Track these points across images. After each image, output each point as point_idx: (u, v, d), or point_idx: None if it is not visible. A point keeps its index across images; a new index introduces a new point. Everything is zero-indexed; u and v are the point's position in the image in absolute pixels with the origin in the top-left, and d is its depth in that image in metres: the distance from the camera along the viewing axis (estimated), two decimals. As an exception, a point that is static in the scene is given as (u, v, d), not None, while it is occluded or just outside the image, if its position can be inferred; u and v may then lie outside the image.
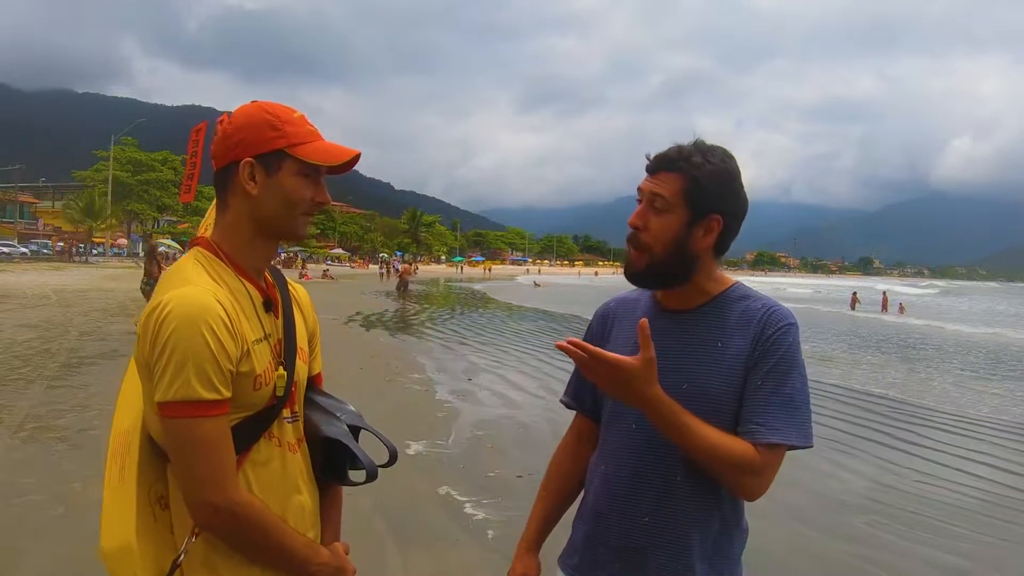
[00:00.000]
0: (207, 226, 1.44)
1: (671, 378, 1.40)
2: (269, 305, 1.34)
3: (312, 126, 1.34)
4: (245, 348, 1.24)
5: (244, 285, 1.31)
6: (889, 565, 4.34)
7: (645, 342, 1.32)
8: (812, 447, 1.43)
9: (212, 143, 1.33)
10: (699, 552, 1.45)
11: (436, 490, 5.17)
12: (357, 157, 1.35)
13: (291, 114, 1.32)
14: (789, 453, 1.42)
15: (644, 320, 1.33)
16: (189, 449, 1.18)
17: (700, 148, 1.45)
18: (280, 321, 1.37)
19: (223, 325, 1.20)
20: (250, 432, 1.28)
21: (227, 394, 1.20)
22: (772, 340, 1.42)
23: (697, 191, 1.43)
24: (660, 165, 1.46)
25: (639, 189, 1.50)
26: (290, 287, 1.47)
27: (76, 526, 3.94)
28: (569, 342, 1.33)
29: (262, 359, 1.28)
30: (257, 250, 1.34)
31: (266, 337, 1.31)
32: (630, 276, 1.52)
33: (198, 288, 1.22)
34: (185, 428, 1.18)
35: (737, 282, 1.54)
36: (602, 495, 1.53)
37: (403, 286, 27.62)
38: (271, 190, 1.29)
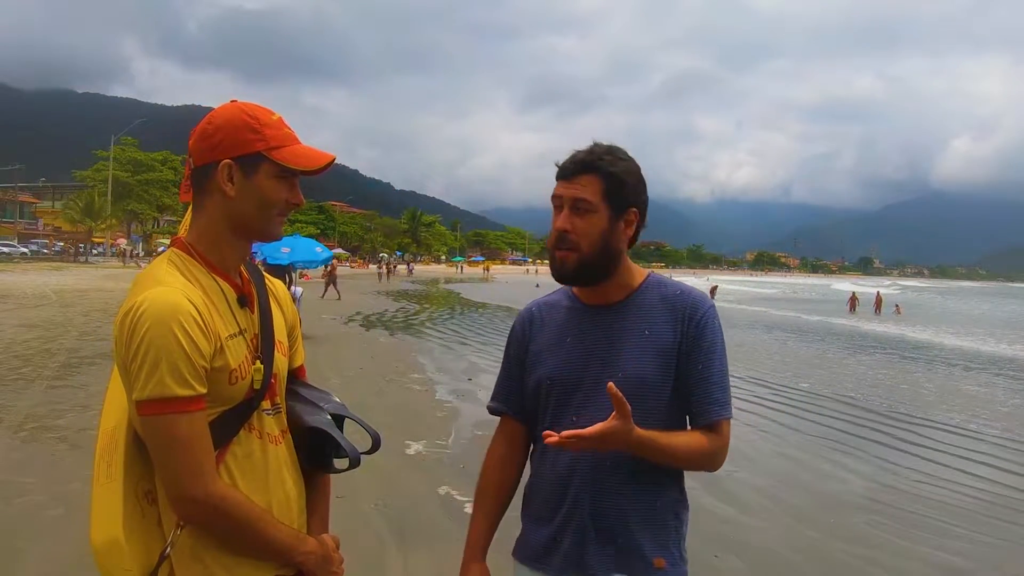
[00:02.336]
0: (185, 226, 1.46)
1: (606, 371, 1.46)
2: (243, 301, 1.36)
3: (289, 129, 1.36)
4: (218, 344, 1.26)
5: (217, 282, 1.33)
6: (889, 565, 4.35)
7: (619, 404, 1.37)
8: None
9: (191, 140, 1.34)
10: (659, 512, 1.55)
11: (436, 490, 5.18)
12: (332, 161, 1.37)
13: (270, 116, 1.34)
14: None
15: (611, 384, 1.37)
16: (167, 445, 1.21)
17: (606, 149, 1.54)
18: (256, 316, 1.39)
19: (194, 323, 1.22)
20: (229, 425, 1.30)
21: (202, 390, 1.22)
22: (701, 324, 1.55)
23: (616, 188, 1.52)
24: (578, 169, 1.52)
25: (556, 196, 1.55)
26: (268, 282, 1.48)
27: (76, 526, 3.94)
28: (561, 437, 1.39)
29: (237, 354, 1.30)
30: (231, 249, 1.36)
31: (241, 332, 1.33)
32: (560, 276, 1.58)
33: (170, 288, 1.24)
34: (162, 425, 1.20)
35: (650, 272, 1.65)
36: (567, 486, 1.56)
37: (331, 282, 27.59)
38: (248, 192, 1.31)
